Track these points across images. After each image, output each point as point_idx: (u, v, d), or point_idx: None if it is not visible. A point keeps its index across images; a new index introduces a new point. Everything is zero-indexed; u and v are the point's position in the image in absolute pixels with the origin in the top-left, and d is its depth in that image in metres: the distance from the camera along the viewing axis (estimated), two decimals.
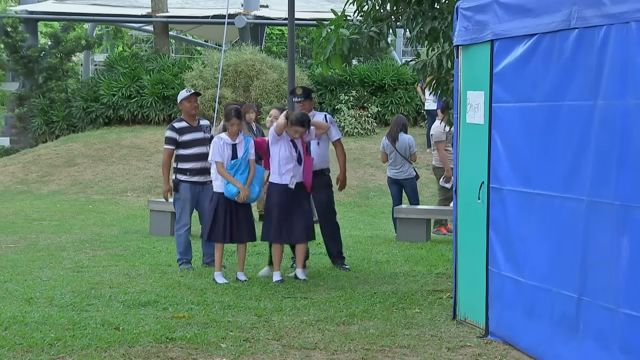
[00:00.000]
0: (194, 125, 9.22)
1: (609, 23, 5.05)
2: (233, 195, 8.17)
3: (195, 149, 9.05)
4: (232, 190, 8.17)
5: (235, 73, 19.79)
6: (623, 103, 4.94)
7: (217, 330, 6.40)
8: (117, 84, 20.87)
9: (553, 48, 5.55)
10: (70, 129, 21.29)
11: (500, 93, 6.16)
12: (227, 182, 8.19)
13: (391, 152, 11.76)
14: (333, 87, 20.32)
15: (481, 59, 6.37)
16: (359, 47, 8.55)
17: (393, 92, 20.31)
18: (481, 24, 6.32)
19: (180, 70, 20.92)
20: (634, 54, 4.85)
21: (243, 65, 19.81)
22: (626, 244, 4.97)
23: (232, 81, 19.72)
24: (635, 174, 4.90)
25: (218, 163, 8.23)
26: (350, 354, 5.85)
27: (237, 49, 21.22)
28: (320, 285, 8.25)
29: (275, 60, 20.89)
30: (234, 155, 8.21)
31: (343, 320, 6.78)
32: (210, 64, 20.23)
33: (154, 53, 23.22)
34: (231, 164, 8.21)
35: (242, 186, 8.18)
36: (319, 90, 20.22)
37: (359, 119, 19.64)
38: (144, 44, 36.61)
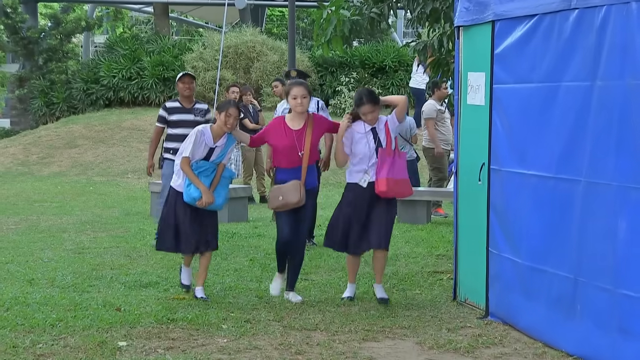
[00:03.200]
0: (187, 107, 9.34)
1: (609, 3, 5.04)
2: (194, 200, 6.69)
3: (182, 129, 9.04)
4: (193, 194, 6.68)
5: (235, 55, 19.73)
6: (622, 84, 4.94)
7: (218, 311, 6.43)
8: (118, 66, 20.83)
9: (553, 28, 5.55)
10: (71, 110, 21.28)
11: (501, 74, 6.16)
12: (188, 182, 6.71)
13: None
14: (334, 68, 20.27)
15: (482, 40, 6.36)
16: (359, 29, 8.53)
17: (394, 74, 20.27)
18: (482, 5, 6.31)
19: (180, 52, 20.87)
20: (634, 35, 4.85)
21: (243, 47, 19.75)
22: (623, 225, 4.99)
23: (232, 63, 19.67)
24: (633, 156, 4.91)
25: (185, 158, 6.72)
26: (351, 335, 5.88)
27: (237, 31, 21.15)
28: (321, 267, 8.27)
29: (276, 42, 20.81)
30: (207, 157, 6.78)
31: (344, 302, 6.80)
32: (210, 46, 20.17)
33: (154, 34, 23.17)
34: (198, 164, 6.74)
35: (206, 189, 6.69)
36: (320, 72, 20.17)
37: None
38: (144, 25, 36.51)
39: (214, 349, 5.51)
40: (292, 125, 6.78)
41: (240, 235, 10.18)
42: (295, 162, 6.72)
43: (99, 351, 5.39)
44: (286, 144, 6.73)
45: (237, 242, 9.70)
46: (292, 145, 6.71)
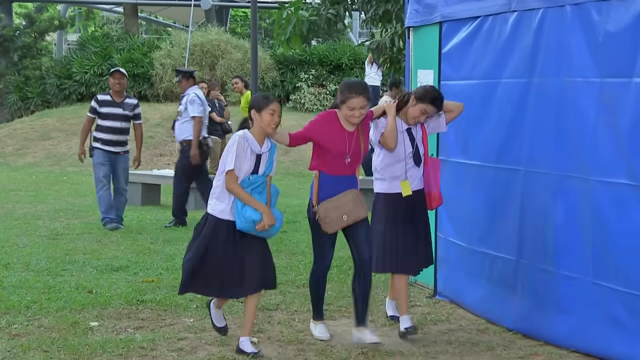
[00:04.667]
0: (117, 101, 9.51)
1: (545, 6, 5.11)
2: (254, 224, 4.80)
3: (110, 122, 9.43)
4: (252, 216, 4.79)
5: (201, 52, 19.65)
6: (558, 81, 5.02)
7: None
8: (89, 62, 20.58)
9: (494, 29, 5.61)
10: (45, 104, 20.99)
11: (448, 71, 6.22)
12: (242, 205, 4.80)
13: None
14: (294, 66, 20.27)
15: (431, 40, 6.41)
16: (317, 28, 8.56)
17: (350, 71, 20.34)
18: (430, 7, 6.35)
19: (149, 49, 20.69)
20: (568, 35, 4.92)
21: (209, 45, 19.68)
22: (561, 211, 5.08)
23: (198, 60, 19.58)
24: (570, 147, 4.99)
25: (230, 173, 4.79)
26: (309, 314, 5.87)
27: (203, 30, 21.06)
28: (282, 251, 8.27)
29: (240, 40, 20.76)
30: (255, 168, 4.89)
31: (303, 283, 6.81)
32: (177, 44, 20.05)
33: (124, 33, 22.93)
34: (250, 180, 4.85)
35: (267, 209, 4.84)
36: (281, 69, 20.15)
37: (318, 96, 19.65)
38: (115, 24, 36.09)
39: (181, 328, 5.49)
40: (346, 125, 5.12)
41: None
42: (343, 169, 5.10)
43: (71, 331, 5.35)
44: (341, 147, 5.07)
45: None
46: (345, 150, 5.09)
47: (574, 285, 4.93)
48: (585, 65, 4.80)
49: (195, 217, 10.25)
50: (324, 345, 5.17)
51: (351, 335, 5.30)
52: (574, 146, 4.96)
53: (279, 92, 19.85)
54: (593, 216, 4.82)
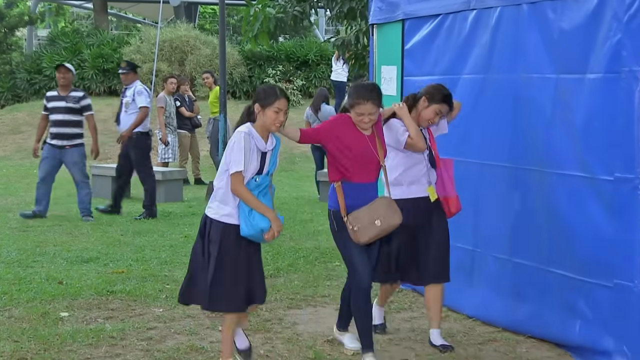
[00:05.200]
0: (62, 95, 9.57)
1: (503, 5, 5.16)
2: (261, 232, 4.22)
3: (55, 115, 9.50)
4: (260, 224, 4.20)
5: (171, 48, 19.51)
6: (514, 77, 5.07)
7: (154, 283, 6.39)
8: (59, 58, 20.30)
9: (454, 27, 5.65)
10: (15, 99, 20.69)
11: (410, 67, 6.24)
12: (249, 210, 4.20)
13: (314, 121, 11.83)
14: (261, 62, 20.21)
15: (394, 37, 6.43)
16: (284, 25, 8.53)
17: (316, 67, 20.32)
18: (393, 5, 6.37)
19: (119, 45, 20.49)
20: (524, 33, 4.98)
21: (178, 41, 19.55)
22: (516, 202, 5.15)
23: (168, 56, 19.44)
24: (526, 141, 5.06)
25: (237, 175, 4.20)
26: (277, 303, 5.91)
27: (172, 26, 20.90)
28: None
29: (208, 37, 20.64)
30: (260, 168, 4.30)
31: (270, 274, 6.81)
32: (147, 40, 19.88)
33: (94, 29, 22.67)
34: (256, 182, 4.27)
35: (274, 216, 4.24)
36: (249, 65, 20.08)
37: (286, 91, 19.65)
38: (85, 20, 35.67)
39: (150, 318, 5.48)
40: (361, 129, 4.56)
41: (175, 214, 10.10)
42: (371, 176, 4.53)
43: (42, 321, 5.31)
44: (361, 149, 4.49)
45: (173, 221, 9.63)
46: (369, 153, 4.49)
47: (530, 273, 5.00)
48: (541, 61, 4.86)
49: (166, 209, 10.29)
50: (291, 334, 5.18)
51: (318, 324, 5.32)
52: (530, 140, 5.02)
53: (247, 87, 19.80)
54: (548, 207, 4.89)
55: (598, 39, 4.45)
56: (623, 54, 4.34)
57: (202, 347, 4.88)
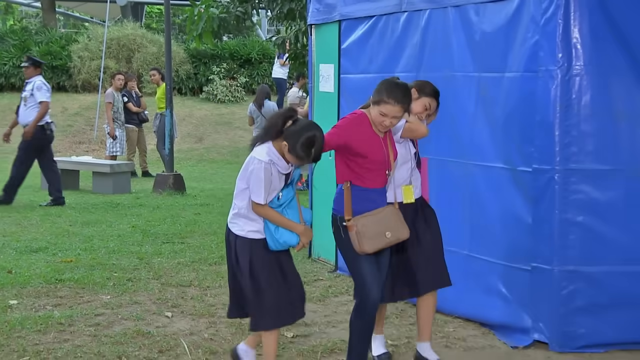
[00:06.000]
0: None
1: (431, 7, 5.24)
2: (290, 245, 3.89)
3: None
4: (288, 241, 3.85)
5: (118, 46, 19.25)
6: (441, 75, 5.16)
7: (102, 272, 6.31)
8: (8, 54, 19.80)
9: (387, 28, 5.71)
10: None
11: (347, 65, 6.29)
12: (275, 228, 3.85)
13: (257, 116, 11.83)
14: (206, 59, 20.08)
15: (331, 36, 6.47)
16: (227, 25, 8.51)
17: (259, 65, 20.29)
18: (330, 7, 6.41)
19: (67, 43, 20.08)
20: (450, 34, 5.07)
21: (125, 39, 19.29)
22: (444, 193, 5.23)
23: (115, 53, 19.17)
24: (451, 134, 5.15)
25: (263, 205, 3.83)
26: (221, 289, 5.90)
27: (119, 25, 20.60)
28: (195, 232, 8.23)
29: (155, 35, 20.42)
30: (286, 183, 3.91)
31: (215, 261, 6.80)
32: (95, 38, 19.55)
33: (43, 27, 22.15)
34: (278, 201, 3.88)
35: (303, 228, 3.90)
36: (194, 63, 19.93)
37: (230, 88, 19.56)
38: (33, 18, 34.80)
39: (98, 305, 5.41)
40: (376, 129, 3.97)
41: (123, 205, 9.98)
42: (382, 181, 3.98)
43: None
44: (380, 156, 3.94)
45: (121, 211, 9.51)
46: (384, 157, 3.95)
47: (454, 258, 5.10)
48: (465, 61, 4.95)
49: (114, 201, 10.16)
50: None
51: None
52: (455, 134, 5.12)
53: (192, 84, 19.64)
54: (471, 196, 5.00)
55: (517, 40, 4.56)
56: (540, 55, 4.45)
57: (148, 332, 4.85)
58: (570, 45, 4.36)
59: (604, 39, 4.36)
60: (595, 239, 4.47)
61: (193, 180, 12.34)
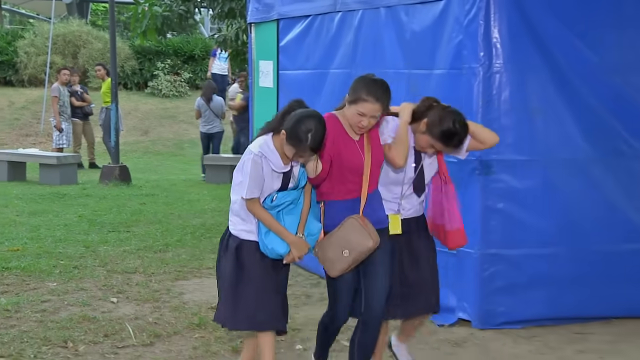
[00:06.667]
0: None
1: (364, 8, 5.26)
2: (278, 257, 3.36)
3: None
4: (276, 249, 3.32)
5: (64, 42, 18.80)
6: (375, 71, 5.12)
7: (48, 260, 6.16)
8: None
9: (323, 27, 5.71)
10: None
11: (285, 62, 6.27)
12: (265, 232, 3.32)
13: (205, 110, 11.77)
14: (151, 56, 19.79)
15: (270, 35, 6.44)
16: (170, 23, 8.39)
17: (202, 61, 20.09)
18: (268, 6, 6.37)
19: (13, 39, 19.48)
20: (382, 33, 5.10)
21: (71, 35, 18.88)
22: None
23: (61, 49, 18.72)
24: None
25: (252, 201, 3.30)
26: (165, 275, 5.83)
27: (65, 22, 20.12)
28: (140, 221, 8.11)
29: (100, 32, 20.02)
30: (284, 185, 3.36)
31: (160, 249, 6.72)
32: (41, 34, 19.03)
33: None
34: (272, 202, 3.34)
35: (295, 239, 3.33)
36: (139, 59, 19.61)
37: (174, 83, 19.32)
38: None
39: (44, 292, 5.28)
40: (350, 131, 3.42)
41: (70, 195, 9.75)
42: (353, 191, 3.39)
43: None
44: (356, 160, 3.38)
45: (67, 202, 9.29)
46: (360, 163, 3.38)
47: None
48: (396, 58, 4.99)
49: (61, 191, 9.92)
50: (178, 303, 5.13)
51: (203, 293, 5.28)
52: None
53: (137, 79, 19.31)
54: None
55: (443, 39, 4.61)
56: (464, 53, 4.52)
57: (94, 317, 4.75)
58: (490, 45, 4.43)
59: (521, 39, 4.45)
60: (514, 224, 4.57)
61: (139, 172, 12.14)
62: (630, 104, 4.67)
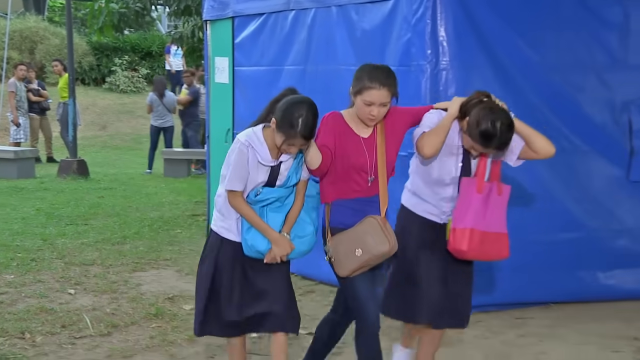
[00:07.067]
0: None
1: (316, 6, 5.24)
2: (259, 255, 3.08)
3: None
4: (257, 246, 3.06)
5: (21, 38, 18.35)
6: (326, 68, 5.19)
7: (6, 252, 6.00)
8: None
9: (277, 24, 5.68)
10: None
11: (240, 59, 6.22)
12: (247, 228, 3.06)
13: (158, 105, 11.63)
14: (109, 52, 19.46)
15: (225, 32, 6.38)
16: (127, 19, 8.25)
17: (159, 58, 19.84)
18: (224, 4, 6.31)
19: None
20: (334, 31, 5.09)
21: (28, 31, 18.45)
22: None
23: (18, 45, 18.27)
24: None
25: (234, 194, 3.04)
26: (123, 267, 5.75)
27: (22, 18, 19.63)
28: (98, 214, 7.97)
29: (57, 28, 19.61)
30: (271, 180, 3.06)
31: (117, 241, 6.62)
32: None
33: None
34: (255, 196, 3.05)
35: (278, 237, 3.06)
36: (97, 55, 19.27)
37: (132, 79, 19.03)
38: None
39: (1, 284, 5.15)
40: (357, 129, 3.14)
41: (28, 189, 9.52)
42: (364, 190, 3.11)
43: None
44: (360, 159, 3.09)
45: (25, 195, 9.07)
46: (364, 162, 3.10)
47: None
48: (347, 55, 4.98)
49: (19, 185, 9.67)
50: (135, 293, 5.06)
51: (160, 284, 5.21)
52: None
53: (95, 74, 18.96)
54: None
55: (392, 37, 4.63)
56: (412, 51, 4.54)
57: (51, 308, 4.65)
58: (437, 43, 4.47)
59: (466, 38, 4.50)
60: None
61: (97, 166, 11.93)
62: (569, 101, 4.76)
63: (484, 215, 3.07)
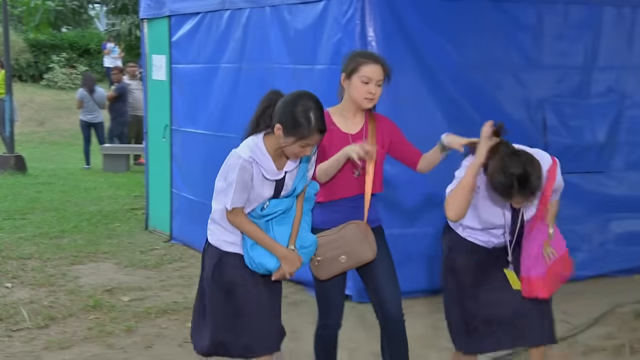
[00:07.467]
0: None
1: (251, 6, 5.23)
2: (267, 272, 2.70)
3: None
4: (265, 264, 2.67)
5: None
6: (260, 66, 5.18)
7: None
8: None
9: (212, 23, 5.64)
10: None
11: (177, 57, 6.15)
12: (251, 244, 2.67)
13: (88, 101, 11.45)
14: (46, 49, 18.85)
15: (162, 30, 6.29)
16: (64, 17, 8.03)
17: (97, 55, 19.36)
18: (160, 3, 6.23)
19: None
20: (268, 31, 5.09)
21: None
22: None
23: None
24: None
25: (236, 211, 2.65)
26: (61, 261, 5.61)
27: None
28: (36, 208, 7.74)
29: None
30: (277, 192, 2.68)
31: (56, 235, 6.45)
32: None
33: None
34: (261, 211, 2.68)
35: (286, 252, 2.70)
36: (34, 52, 18.65)
37: (70, 76, 18.52)
38: None
39: None
40: (344, 125, 2.96)
41: None
42: (351, 189, 2.93)
43: None
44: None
45: None
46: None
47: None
48: (281, 54, 4.99)
49: None
50: (73, 286, 4.95)
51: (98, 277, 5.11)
52: None
53: (33, 71, 18.35)
54: None
55: (324, 37, 4.65)
56: (343, 50, 4.53)
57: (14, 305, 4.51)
58: (367, 43, 4.51)
59: (394, 39, 4.56)
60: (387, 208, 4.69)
61: (35, 161, 11.57)
62: (488, 99, 4.89)
63: None
